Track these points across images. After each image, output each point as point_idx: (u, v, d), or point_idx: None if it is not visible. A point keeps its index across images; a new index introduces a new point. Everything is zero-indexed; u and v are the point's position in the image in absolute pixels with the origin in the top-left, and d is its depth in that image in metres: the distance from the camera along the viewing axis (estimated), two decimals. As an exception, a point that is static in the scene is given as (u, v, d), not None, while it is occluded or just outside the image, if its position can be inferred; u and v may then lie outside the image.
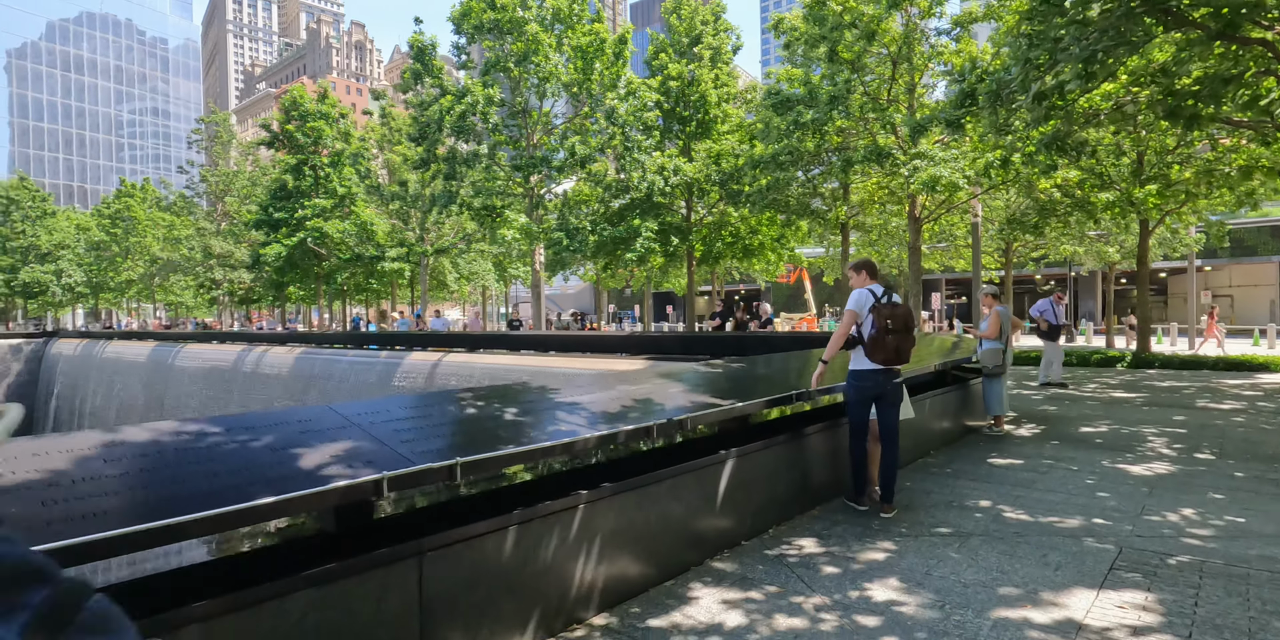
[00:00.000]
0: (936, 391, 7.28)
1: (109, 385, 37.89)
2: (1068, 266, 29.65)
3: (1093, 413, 9.60)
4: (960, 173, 12.45)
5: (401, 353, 19.56)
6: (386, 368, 19.22)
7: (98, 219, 56.37)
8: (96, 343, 42.54)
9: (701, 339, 14.30)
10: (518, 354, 16.99)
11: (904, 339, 4.91)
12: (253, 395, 25.03)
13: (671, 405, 4.23)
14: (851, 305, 4.93)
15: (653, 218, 22.19)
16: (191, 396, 29.41)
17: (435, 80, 19.99)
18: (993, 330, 7.90)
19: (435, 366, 17.53)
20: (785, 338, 13.17)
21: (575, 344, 16.92)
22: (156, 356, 33.34)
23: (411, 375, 18.19)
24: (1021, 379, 14.19)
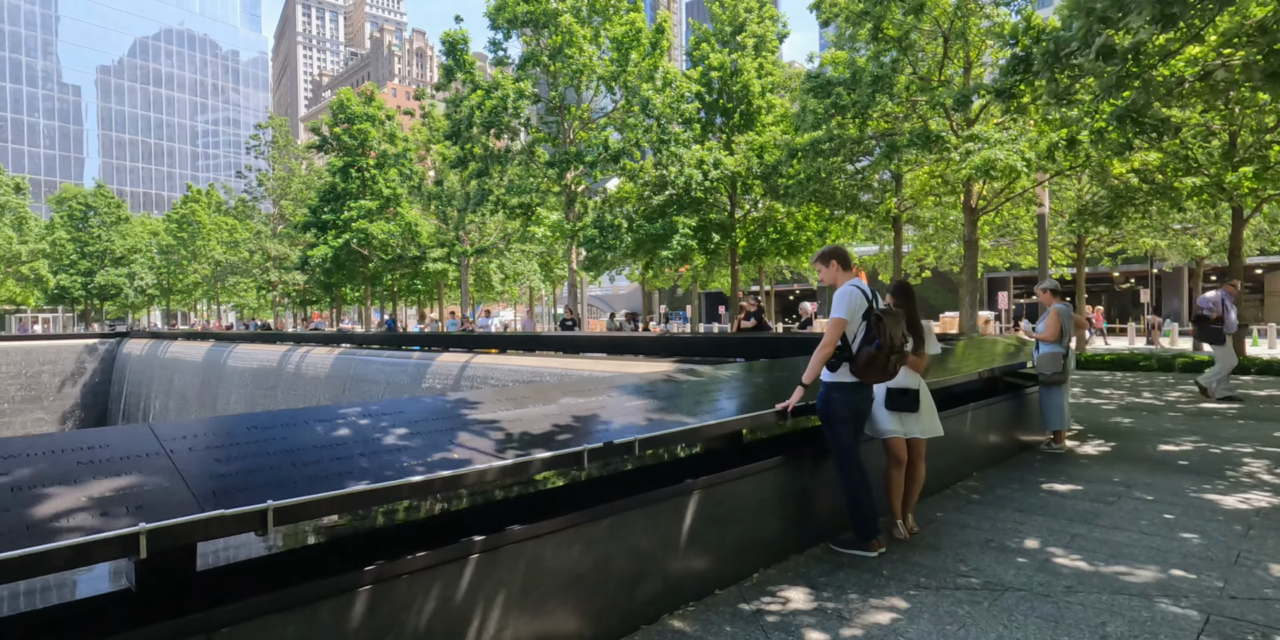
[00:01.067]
0: (982, 402, 6.22)
1: (169, 384, 39.16)
2: (1148, 262, 27.41)
3: (1175, 426, 8.30)
4: (1019, 156, 11.11)
5: (433, 354, 19.23)
6: (418, 369, 18.91)
7: (166, 224, 58.70)
8: (161, 343, 44.14)
9: (734, 341, 13.35)
10: (546, 355, 16.39)
11: (901, 358, 3.98)
12: (295, 394, 25.23)
13: (621, 423, 3.39)
14: (841, 310, 3.99)
15: (692, 214, 21.27)
16: (240, 396, 29.95)
17: (467, 75, 19.58)
18: (1051, 331, 6.77)
19: (463, 368, 17.11)
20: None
21: (605, 345, 16.22)
22: (211, 357, 34.18)
23: (440, 376, 17.83)
24: (1093, 386, 12.75)
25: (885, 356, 3.88)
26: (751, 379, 4.73)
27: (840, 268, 4.20)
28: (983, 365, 6.65)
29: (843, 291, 4.05)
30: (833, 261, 4.21)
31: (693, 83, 22.23)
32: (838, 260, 4.20)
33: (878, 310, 3.98)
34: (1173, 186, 12.65)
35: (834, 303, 4.04)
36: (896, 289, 4.59)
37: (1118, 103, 8.23)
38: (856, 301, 3.99)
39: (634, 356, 14.88)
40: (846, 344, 4.02)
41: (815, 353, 4.00)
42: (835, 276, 4.20)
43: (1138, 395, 11.37)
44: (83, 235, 60.05)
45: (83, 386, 52.33)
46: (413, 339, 24.14)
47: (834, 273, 4.21)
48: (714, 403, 4.08)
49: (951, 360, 6.96)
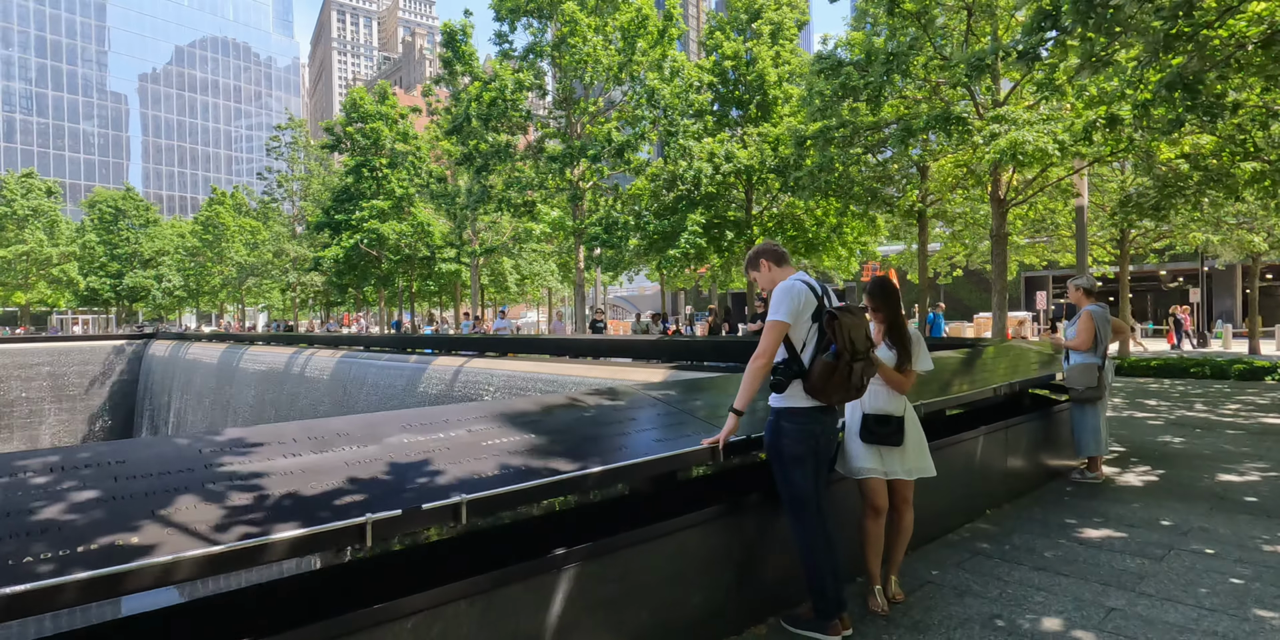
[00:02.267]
0: (999, 424, 5.11)
1: (186, 385, 39.25)
2: (1199, 260, 25.60)
3: (1236, 449, 7.05)
4: (1050, 138, 9.82)
5: (429, 357, 18.48)
6: (414, 373, 18.17)
7: (192, 226, 59.33)
8: (183, 344, 44.41)
9: (736, 345, 12.30)
10: (545, 359, 15.51)
11: (869, 368, 2.96)
12: (300, 397, 24.75)
13: (460, 473, 2.41)
14: (780, 310, 2.99)
15: (704, 211, 20.20)
16: (249, 398, 29.66)
17: (465, 67, 18.76)
18: (1083, 338, 5.62)
19: (457, 373, 16.30)
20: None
21: (606, 349, 15.30)
22: (225, 359, 34.04)
23: (435, 381, 17.07)
24: (1136, 396, 11.41)
25: (846, 367, 2.86)
26: (712, 397, 3.71)
27: (773, 265, 3.24)
28: (1002, 378, 5.54)
29: (781, 288, 3.03)
30: (762, 261, 3.26)
31: (705, 73, 21.17)
32: (768, 258, 3.25)
33: (831, 308, 2.95)
34: (1229, 173, 11.25)
35: (770, 303, 3.02)
36: (873, 288, 3.55)
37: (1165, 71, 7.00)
38: (800, 299, 2.97)
39: (636, 360, 13.99)
40: (795, 355, 3.00)
41: (748, 367, 2.98)
42: (771, 277, 3.21)
43: (1189, 407, 10.05)
44: (112, 238, 61.00)
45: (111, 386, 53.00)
46: (419, 341, 23.52)
47: (768, 274, 3.25)
48: (626, 435, 3.07)
49: (964, 372, 5.85)
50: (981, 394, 4.89)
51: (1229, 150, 11.32)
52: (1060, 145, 9.82)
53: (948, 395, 4.62)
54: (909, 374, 3.46)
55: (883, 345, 3.49)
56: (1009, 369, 6.10)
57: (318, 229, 34.76)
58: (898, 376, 3.42)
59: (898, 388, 3.44)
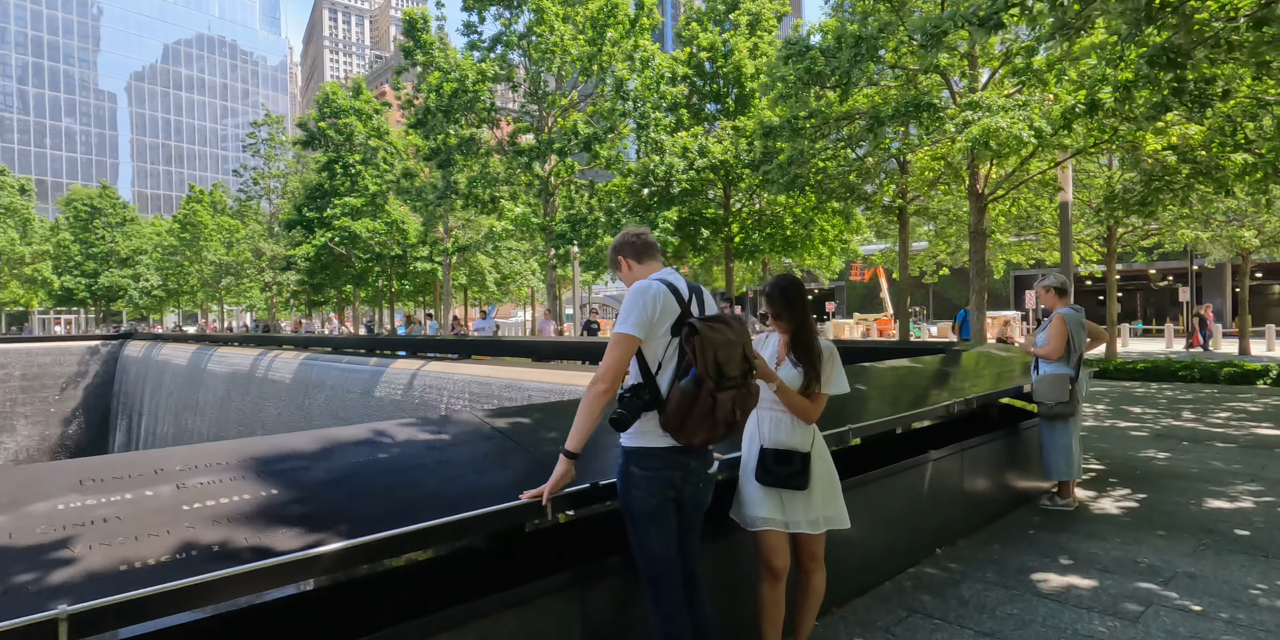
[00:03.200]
0: (950, 449, 4.38)
1: (157, 387, 38.37)
2: (1188, 258, 25.01)
3: (1226, 466, 6.35)
4: (1026, 124, 9.10)
5: (389, 360, 17.69)
6: (372, 376, 17.39)
7: (169, 224, 58.27)
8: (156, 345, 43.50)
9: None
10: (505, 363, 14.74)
11: (745, 396, 2.24)
12: (265, 400, 23.93)
13: (99, 563, 1.66)
14: (627, 320, 2.26)
15: (677, 207, 19.43)
16: (214, 400, 28.85)
17: (426, 57, 17.94)
18: (1054, 346, 4.90)
19: (414, 377, 15.54)
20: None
21: (570, 351, 14.58)
22: (194, 360, 33.17)
23: (392, 385, 16.30)
24: (1121, 402, 10.72)
25: (708, 397, 2.13)
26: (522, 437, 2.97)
27: (634, 262, 2.50)
28: (963, 391, 4.82)
29: (633, 290, 2.29)
30: (620, 258, 2.53)
31: (680, 65, 20.41)
32: (626, 254, 2.51)
33: (696, 319, 2.22)
34: (1219, 165, 10.58)
35: (624, 307, 2.28)
36: (772, 290, 2.80)
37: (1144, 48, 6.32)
38: (655, 305, 2.24)
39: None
40: (650, 379, 2.27)
41: (585, 393, 2.23)
42: (633, 276, 2.48)
43: (1176, 415, 9.37)
44: (88, 236, 59.86)
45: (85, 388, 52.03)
46: (388, 343, 22.76)
47: (629, 272, 2.51)
48: (421, 485, 2.31)
49: (917, 385, 5.14)
50: (933, 412, 4.16)
51: (1218, 141, 10.65)
52: (1037, 133, 9.10)
53: (894, 414, 3.89)
54: (818, 398, 2.73)
55: (786, 362, 2.76)
56: (972, 381, 5.39)
57: (289, 227, 33.88)
58: (803, 402, 2.69)
59: (804, 416, 2.71)
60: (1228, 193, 10.73)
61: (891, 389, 4.88)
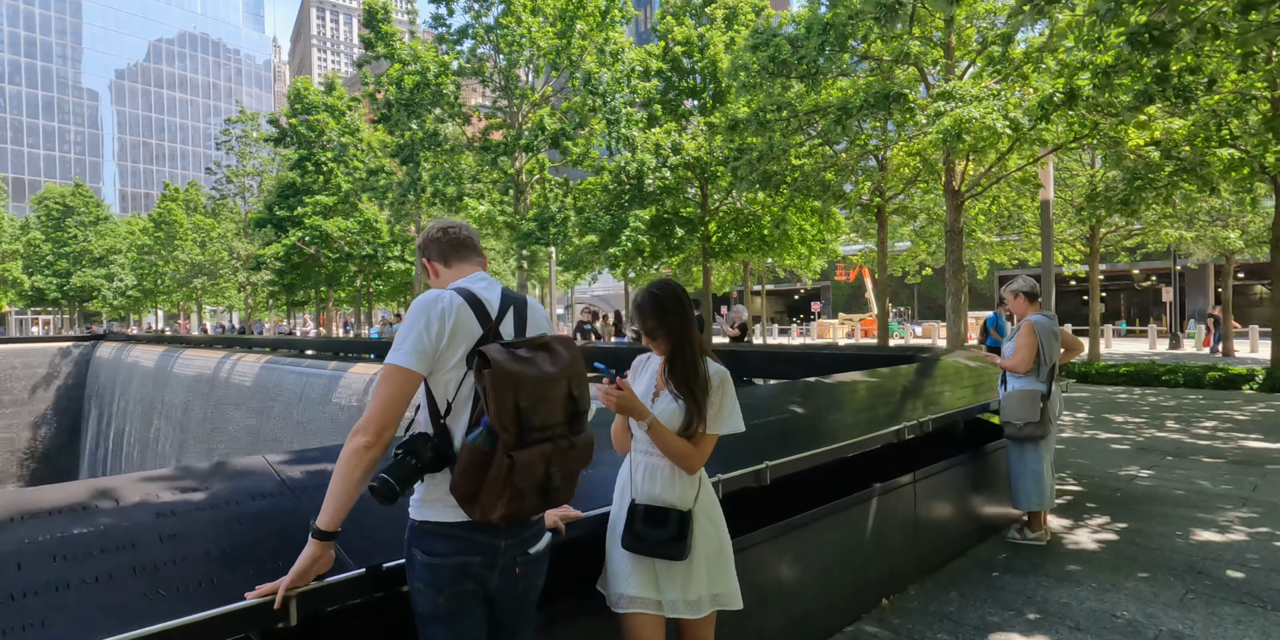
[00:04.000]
0: (897, 482, 3.80)
1: (126, 389, 37.48)
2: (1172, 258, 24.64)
3: (1215, 486, 5.81)
4: (1001, 115, 8.53)
5: (348, 364, 16.98)
6: (330, 381, 16.68)
7: (144, 223, 57.09)
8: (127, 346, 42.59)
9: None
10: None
11: (567, 452, 1.66)
12: (226, 404, 23.15)
13: None
14: (402, 347, 1.63)
15: (651, 206, 18.83)
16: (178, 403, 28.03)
17: (388, 49, 17.23)
18: (1022, 357, 4.31)
19: (370, 382, 14.87)
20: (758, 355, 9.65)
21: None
22: (161, 362, 32.33)
23: (349, 390, 15.60)
24: (1102, 410, 10.20)
25: (504, 457, 1.52)
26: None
27: (439, 263, 1.88)
28: (912, 413, 4.23)
29: (415, 304, 1.67)
30: (424, 258, 1.90)
31: (655, 59, 19.79)
32: (431, 255, 1.89)
33: (493, 346, 1.60)
34: (1204, 161, 10.08)
35: (404, 325, 1.65)
36: (644, 298, 2.18)
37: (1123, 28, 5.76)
38: (440, 324, 1.63)
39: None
40: (440, 425, 1.65)
41: (344, 449, 1.60)
42: (439, 280, 1.86)
43: (1160, 425, 8.84)
44: (60, 235, 58.54)
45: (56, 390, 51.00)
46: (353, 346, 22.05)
47: (435, 278, 1.89)
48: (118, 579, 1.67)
49: (863, 405, 4.54)
50: (875, 440, 3.56)
51: (1203, 136, 10.15)
52: (1013, 124, 8.54)
53: (830, 444, 3.28)
54: (703, 441, 2.11)
55: (665, 393, 2.15)
56: (933, 397, 4.81)
57: (258, 225, 33.00)
58: (682, 446, 2.07)
59: (684, 464, 2.09)
60: (1212, 190, 10.25)
61: (836, 410, 4.29)
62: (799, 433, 3.71)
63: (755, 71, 11.07)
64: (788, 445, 3.12)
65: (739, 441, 3.34)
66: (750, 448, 3.17)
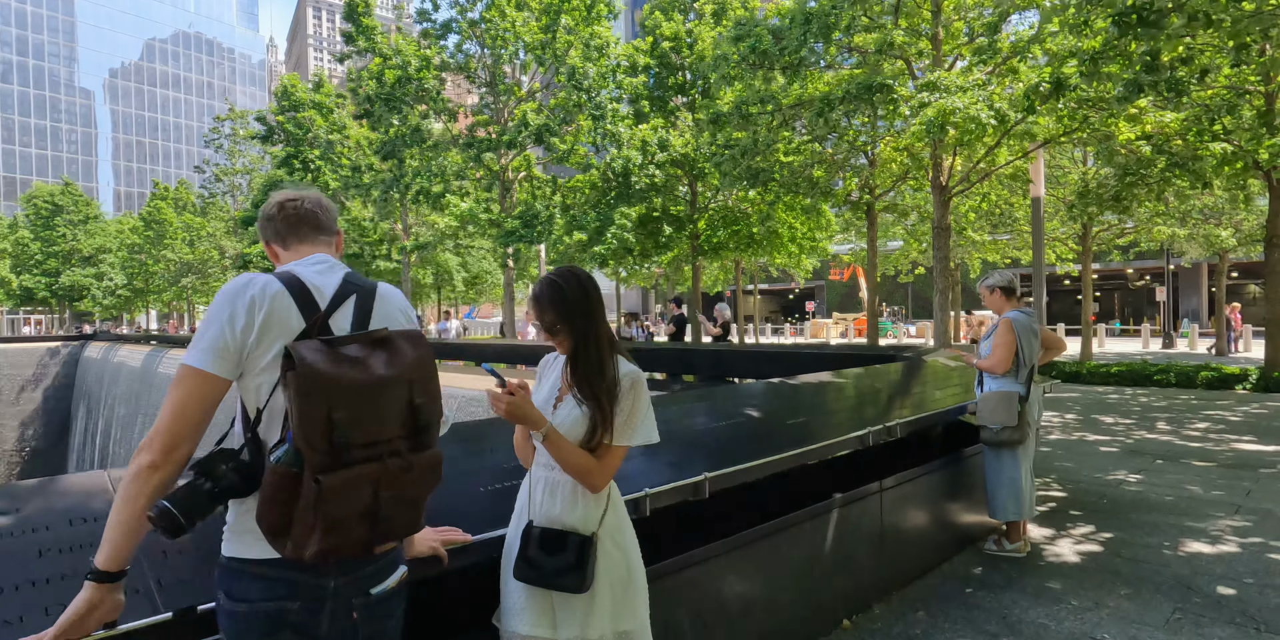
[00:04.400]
0: (868, 488, 3.52)
1: (112, 389, 37.19)
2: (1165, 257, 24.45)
3: (1206, 492, 5.54)
4: (986, 106, 8.24)
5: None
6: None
7: (134, 222, 56.73)
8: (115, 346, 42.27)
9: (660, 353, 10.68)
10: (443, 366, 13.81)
11: (400, 474, 1.34)
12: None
13: None
14: (198, 344, 1.34)
15: (638, 204, 18.55)
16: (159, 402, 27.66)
17: (368, 43, 16.91)
18: (1000, 357, 4.03)
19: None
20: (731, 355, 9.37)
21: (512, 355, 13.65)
22: (147, 362, 32.00)
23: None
24: (1091, 411, 9.95)
25: (311, 482, 1.23)
26: None
27: (278, 246, 1.61)
28: (881, 416, 3.95)
29: (220, 294, 1.38)
30: (264, 240, 1.63)
31: (643, 54, 19.51)
32: (268, 234, 1.61)
33: (308, 342, 1.31)
34: (1196, 155, 9.82)
35: (201, 330, 1.36)
36: (542, 288, 1.89)
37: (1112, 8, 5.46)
38: (247, 317, 1.34)
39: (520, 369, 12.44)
40: (254, 438, 1.36)
41: (128, 468, 1.31)
42: (280, 263, 1.57)
43: (1150, 426, 8.58)
44: (49, 234, 58.08)
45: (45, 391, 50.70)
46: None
47: (275, 261, 1.61)
48: None
49: (829, 407, 4.26)
50: (837, 447, 3.28)
51: (1195, 129, 9.89)
52: (998, 115, 8.26)
53: (785, 452, 3.00)
54: (608, 454, 1.82)
55: (569, 397, 1.86)
56: (908, 399, 4.53)
57: (244, 224, 32.63)
58: (583, 460, 1.78)
59: (586, 480, 1.80)
60: (1205, 185, 10.00)
61: (801, 412, 4.02)
62: (755, 439, 3.43)
63: (735, 62, 10.76)
64: (739, 453, 2.84)
65: (684, 450, 3.07)
66: (699, 457, 2.90)
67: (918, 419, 3.80)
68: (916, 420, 3.78)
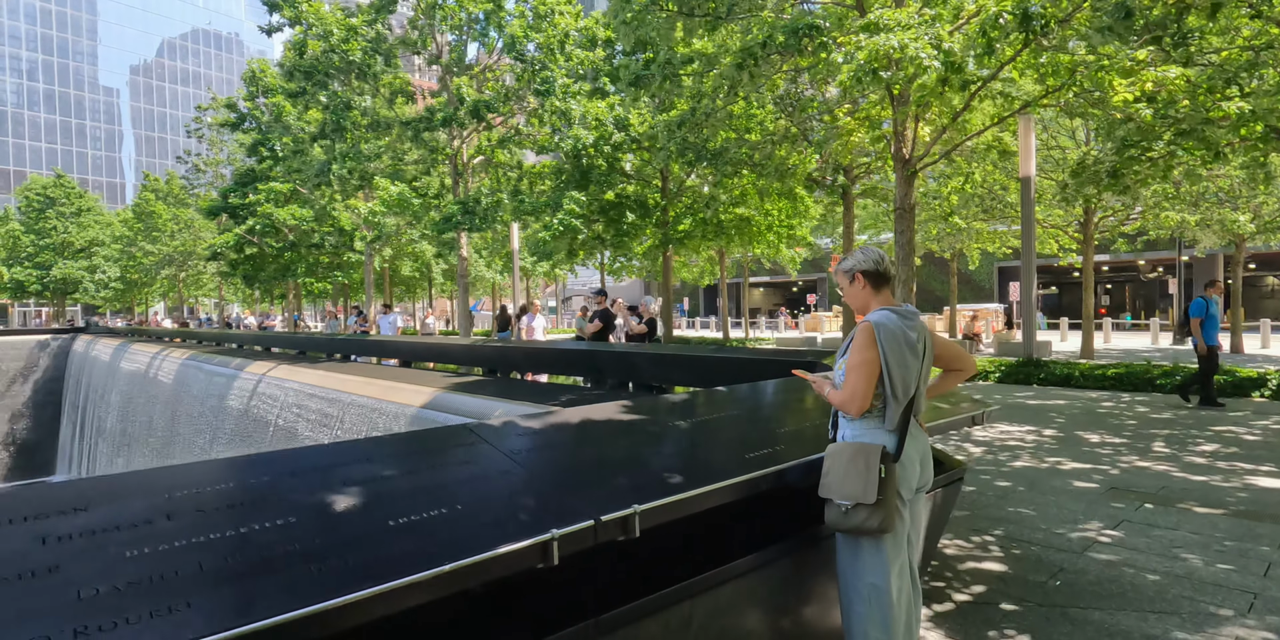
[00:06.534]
0: (644, 604, 2.00)
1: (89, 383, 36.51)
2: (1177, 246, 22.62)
3: (1208, 563, 3.97)
4: (931, 45, 6.54)
5: (247, 363, 15.31)
6: (228, 381, 15.04)
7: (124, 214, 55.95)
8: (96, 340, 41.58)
9: (563, 355, 9.20)
10: (333, 370, 12.40)
11: None
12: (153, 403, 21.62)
13: None
14: None
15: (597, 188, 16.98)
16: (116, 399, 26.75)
17: (293, 12, 15.39)
18: (852, 387, 2.47)
19: (258, 383, 13.19)
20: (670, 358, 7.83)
21: (425, 353, 12.25)
22: (114, 356, 31.05)
23: (241, 393, 13.93)
24: (1076, 426, 8.33)
25: None
26: None
27: None
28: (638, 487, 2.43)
29: None
30: None
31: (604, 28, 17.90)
32: None
33: None
34: (1208, 120, 8.12)
35: None
36: None
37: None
38: None
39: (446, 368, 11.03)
40: None
41: None
42: None
43: (1145, 449, 6.97)
44: (42, 226, 57.41)
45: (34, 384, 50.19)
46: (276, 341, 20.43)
47: None
48: None
49: (619, 458, 2.71)
50: (520, 555, 1.75)
51: (1206, 87, 8.20)
52: (946, 56, 6.58)
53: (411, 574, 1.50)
54: None
55: None
56: (765, 439, 2.98)
57: (211, 214, 31.37)
58: None
59: None
60: (1217, 155, 8.32)
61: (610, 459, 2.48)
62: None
63: (640, 8, 8.94)
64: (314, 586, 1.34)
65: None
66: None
67: (725, 487, 2.25)
68: (706, 493, 2.23)
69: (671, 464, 2.44)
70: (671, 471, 2.34)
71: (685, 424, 3.12)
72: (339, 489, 1.93)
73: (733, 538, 2.59)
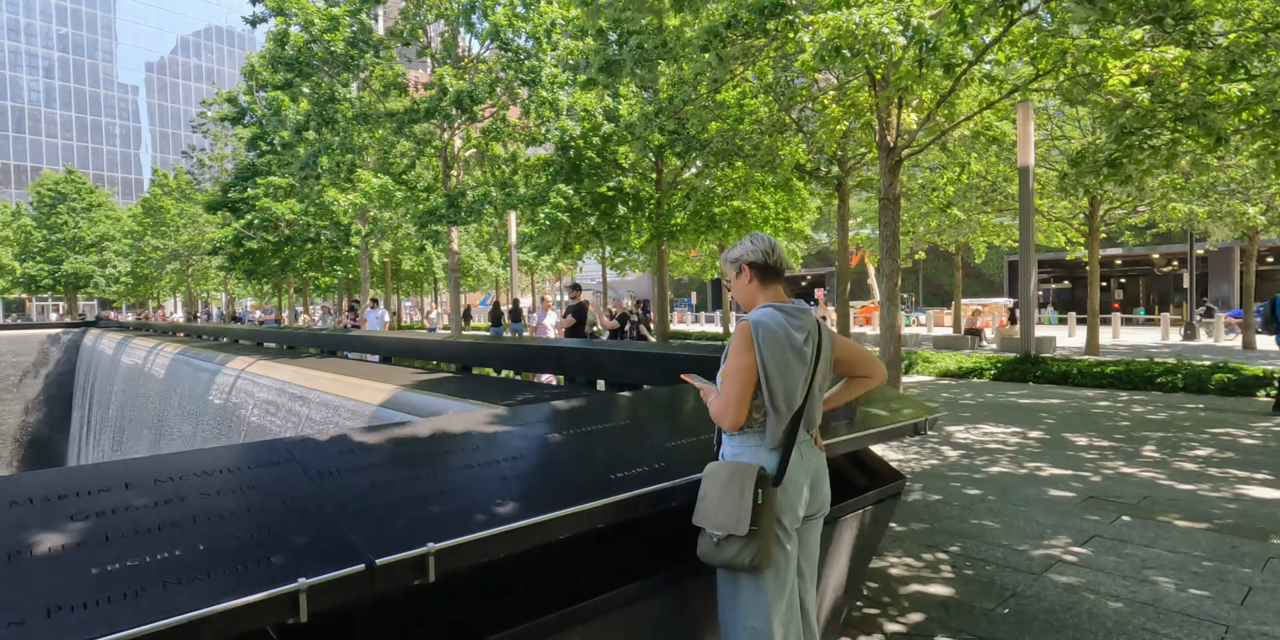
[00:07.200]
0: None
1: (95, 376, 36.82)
2: (1188, 239, 21.95)
3: (1181, 587, 3.59)
4: (898, 21, 6.10)
5: (230, 358, 15.14)
6: (211, 376, 14.88)
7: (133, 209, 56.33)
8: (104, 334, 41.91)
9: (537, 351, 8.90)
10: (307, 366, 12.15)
11: None
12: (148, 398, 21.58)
13: None
14: None
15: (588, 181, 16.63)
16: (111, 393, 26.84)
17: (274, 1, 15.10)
18: (729, 397, 2.13)
19: (237, 378, 12.99)
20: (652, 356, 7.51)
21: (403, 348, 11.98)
22: (116, 351, 31.20)
23: (221, 389, 13.76)
24: (1062, 429, 7.91)
25: None
26: None
27: None
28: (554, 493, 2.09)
29: None
30: None
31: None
32: None
33: None
34: (1208, 103, 7.67)
35: None
36: None
37: None
38: None
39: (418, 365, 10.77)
40: None
41: None
42: None
43: (1134, 453, 6.55)
44: (53, 221, 57.94)
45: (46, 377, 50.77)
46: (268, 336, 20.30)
47: None
48: None
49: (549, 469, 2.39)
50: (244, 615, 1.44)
51: (1206, 67, 7.72)
52: (916, 32, 6.15)
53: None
54: None
55: None
56: (661, 448, 2.64)
57: (211, 209, 31.31)
58: None
59: None
60: (1220, 140, 7.85)
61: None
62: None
63: None
64: None
65: None
66: None
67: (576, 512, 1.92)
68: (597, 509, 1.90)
69: (513, 488, 2.10)
70: (507, 498, 2.00)
71: (562, 436, 2.78)
72: (56, 527, 1.61)
73: (584, 574, 2.24)
